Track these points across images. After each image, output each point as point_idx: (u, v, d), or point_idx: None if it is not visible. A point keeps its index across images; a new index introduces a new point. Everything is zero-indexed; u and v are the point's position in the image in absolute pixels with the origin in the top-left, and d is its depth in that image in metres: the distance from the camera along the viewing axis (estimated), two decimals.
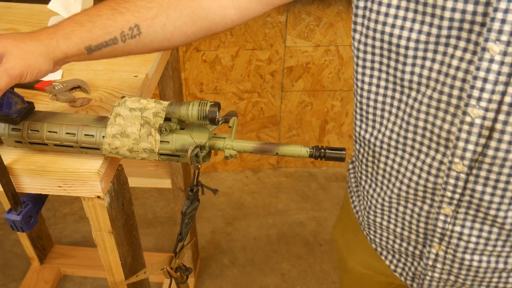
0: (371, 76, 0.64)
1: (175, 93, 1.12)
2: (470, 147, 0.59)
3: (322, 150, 0.61)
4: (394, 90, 0.63)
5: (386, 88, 0.64)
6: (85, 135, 0.62)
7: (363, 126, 0.70)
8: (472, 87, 0.55)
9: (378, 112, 0.67)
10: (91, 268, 1.67)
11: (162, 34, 0.65)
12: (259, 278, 1.72)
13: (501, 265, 0.68)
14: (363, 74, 0.65)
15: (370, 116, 0.68)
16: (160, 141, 0.61)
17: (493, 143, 0.57)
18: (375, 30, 0.60)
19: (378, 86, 0.64)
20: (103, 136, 0.61)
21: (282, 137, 2.09)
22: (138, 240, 0.83)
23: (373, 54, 0.62)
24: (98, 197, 0.66)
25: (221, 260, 1.78)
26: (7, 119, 0.60)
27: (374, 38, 0.61)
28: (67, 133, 0.62)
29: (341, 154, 0.61)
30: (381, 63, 0.62)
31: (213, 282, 1.70)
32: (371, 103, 0.67)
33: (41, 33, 0.60)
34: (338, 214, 1.01)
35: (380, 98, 0.65)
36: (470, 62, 0.55)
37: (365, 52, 0.63)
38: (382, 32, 0.59)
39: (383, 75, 0.63)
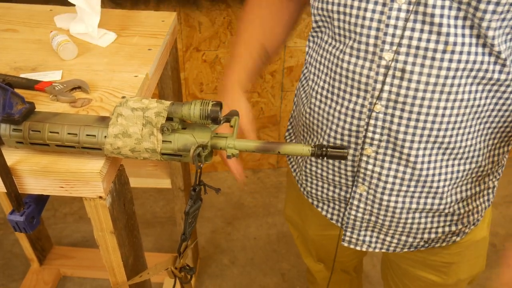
0: (325, 34, 0.76)
1: (175, 93, 1.12)
2: (386, 87, 0.68)
3: (324, 149, 0.61)
4: (330, 44, 0.74)
5: (326, 42, 0.75)
6: (87, 135, 0.61)
7: (315, 79, 0.80)
8: (385, 34, 0.65)
9: (321, 67, 0.77)
10: (90, 269, 1.67)
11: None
12: (259, 278, 1.72)
13: (414, 206, 0.77)
14: (319, 37, 0.78)
15: (319, 70, 0.78)
16: (162, 140, 0.61)
17: (404, 83, 0.66)
18: (327, 2, 0.71)
19: (325, 42, 0.76)
20: (105, 136, 0.61)
21: (282, 137, 2.09)
22: (139, 240, 0.83)
23: (319, 15, 0.75)
24: (100, 197, 0.66)
25: (221, 260, 1.78)
26: (9, 119, 0.60)
27: (322, 9, 0.73)
28: (68, 134, 0.61)
29: (343, 153, 0.61)
30: (323, 22, 0.75)
31: (213, 282, 1.70)
32: (325, 54, 0.76)
33: None
34: (286, 194, 1.12)
35: (324, 53, 0.76)
36: (382, 13, 0.65)
37: (319, 15, 0.74)
38: (326, 2, 0.71)
39: (330, 32, 0.74)
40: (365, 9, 0.65)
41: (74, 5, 0.90)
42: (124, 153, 0.62)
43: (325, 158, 0.62)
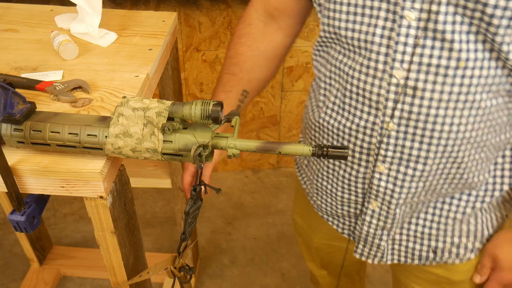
0: (332, 49, 0.75)
1: (175, 93, 1.12)
2: (399, 106, 0.66)
3: (325, 149, 0.61)
4: (337, 59, 0.73)
5: (333, 57, 0.74)
6: (88, 135, 0.61)
7: (326, 93, 0.79)
8: (395, 51, 0.63)
9: (333, 82, 0.76)
10: (90, 269, 1.67)
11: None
12: (259, 278, 1.72)
13: (429, 217, 0.79)
14: (325, 51, 0.78)
15: (330, 85, 0.78)
16: (163, 140, 0.61)
17: (417, 101, 0.65)
18: (334, 19, 0.71)
19: (332, 57, 0.75)
20: (106, 136, 0.61)
21: (282, 137, 2.09)
22: (140, 240, 0.83)
23: (329, 32, 0.73)
24: (101, 197, 0.66)
25: (221, 260, 1.78)
26: (10, 119, 0.60)
27: (328, 25, 0.72)
28: (69, 133, 0.61)
29: (344, 153, 0.61)
30: (332, 38, 0.73)
31: (213, 282, 1.70)
32: (334, 69, 0.75)
33: None
34: (294, 200, 1.12)
35: (333, 69, 0.75)
36: (392, 29, 0.63)
37: (329, 32, 0.73)
38: (333, 19, 0.71)
39: (337, 47, 0.73)
40: (375, 26, 0.64)
41: (75, 5, 0.90)
42: (125, 153, 0.62)
43: (326, 157, 0.62)
